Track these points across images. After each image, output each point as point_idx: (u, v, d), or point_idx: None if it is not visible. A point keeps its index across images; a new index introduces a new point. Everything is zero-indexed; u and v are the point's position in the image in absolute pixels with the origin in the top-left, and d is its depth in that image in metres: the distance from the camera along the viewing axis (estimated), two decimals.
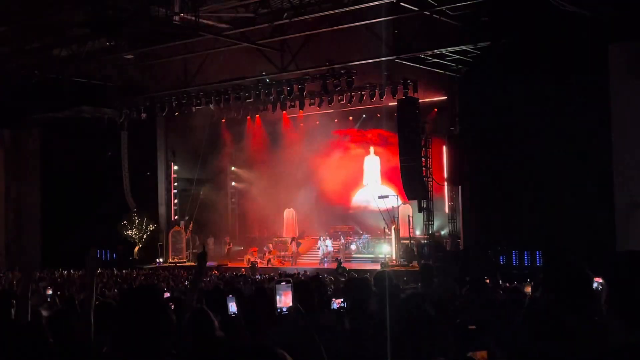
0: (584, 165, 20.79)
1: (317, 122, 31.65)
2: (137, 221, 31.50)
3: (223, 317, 5.64)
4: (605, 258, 2.85)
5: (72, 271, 23.76)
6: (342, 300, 5.98)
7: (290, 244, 30.39)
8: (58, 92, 28.91)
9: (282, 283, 4.56)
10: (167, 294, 9.19)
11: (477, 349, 3.31)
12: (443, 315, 4.36)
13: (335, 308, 5.98)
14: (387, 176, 30.64)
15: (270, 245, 31.09)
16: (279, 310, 4.42)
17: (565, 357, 2.54)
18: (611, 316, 2.73)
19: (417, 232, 27.92)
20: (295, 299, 4.45)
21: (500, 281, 12.59)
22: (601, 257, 2.87)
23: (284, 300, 4.46)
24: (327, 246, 28.72)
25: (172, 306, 5.54)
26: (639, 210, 19.31)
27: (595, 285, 3.64)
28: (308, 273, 21.23)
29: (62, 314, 5.58)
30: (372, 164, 31.95)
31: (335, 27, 21.31)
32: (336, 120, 31.46)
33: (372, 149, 31.83)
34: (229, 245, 32.00)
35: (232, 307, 5.75)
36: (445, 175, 26.47)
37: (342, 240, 30.32)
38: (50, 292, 11.19)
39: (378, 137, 31.37)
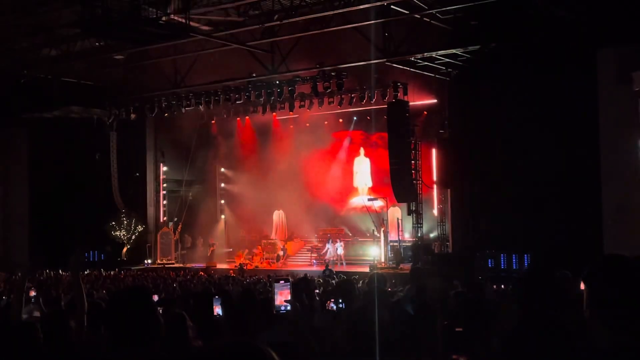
0: (572, 169, 20.90)
1: (307, 125, 31.61)
2: (125, 222, 31.38)
3: (208, 318, 5.62)
4: (588, 262, 2.86)
5: (60, 272, 23.63)
6: (333, 301, 5.98)
7: (281, 250, 30.26)
8: (47, 92, 28.80)
9: (281, 282, 4.50)
10: (155, 297, 9.13)
11: (461, 351, 3.32)
12: (431, 317, 4.37)
13: (333, 309, 5.97)
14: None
15: (259, 247, 31.06)
16: (276, 310, 4.36)
17: None
18: (593, 321, 2.73)
19: (406, 235, 27.94)
20: (293, 297, 4.42)
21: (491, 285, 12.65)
22: (588, 260, 2.88)
23: (282, 299, 4.41)
24: (336, 249, 27.97)
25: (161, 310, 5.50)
26: (626, 214, 19.42)
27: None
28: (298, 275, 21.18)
29: (54, 314, 5.57)
30: (362, 165, 31.86)
31: (326, 29, 21.32)
32: (326, 122, 31.41)
33: (362, 150, 31.75)
34: (213, 247, 31.92)
35: (218, 309, 5.73)
36: (435, 178, 26.52)
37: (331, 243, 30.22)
38: (33, 293, 11.04)
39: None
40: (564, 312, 3.36)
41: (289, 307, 4.29)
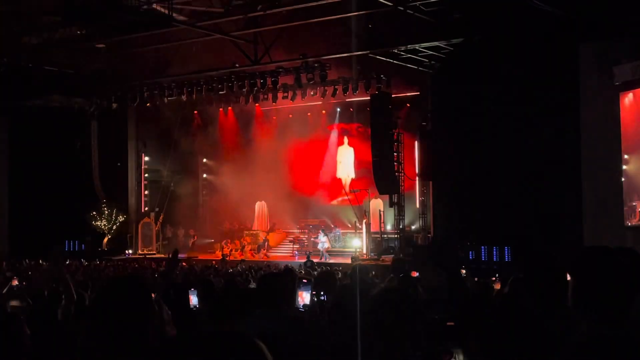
0: (554, 162, 21.03)
1: (290, 116, 31.58)
2: (106, 212, 31.20)
3: (184, 310, 5.59)
4: (572, 253, 2.89)
5: (40, 261, 23.49)
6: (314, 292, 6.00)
7: (263, 242, 30.22)
8: (28, 81, 28.53)
9: (304, 281, 4.68)
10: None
11: (452, 346, 3.34)
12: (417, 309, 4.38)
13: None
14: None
15: (241, 238, 31.01)
16: (297, 308, 4.53)
17: (534, 351, 2.58)
18: (578, 310, 2.77)
19: (388, 227, 28.01)
20: (313, 297, 4.55)
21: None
22: (569, 252, 2.92)
23: (304, 299, 4.56)
24: (323, 242, 27.62)
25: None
26: (606, 207, 19.60)
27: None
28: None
29: (41, 306, 5.52)
30: (346, 155, 31.80)
31: (310, 20, 21.27)
32: (309, 114, 31.38)
33: (345, 139, 31.69)
34: (194, 238, 31.84)
35: (194, 300, 5.71)
36: (417, 170, 26.58)
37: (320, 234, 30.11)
38: (16, 282, 10.94)
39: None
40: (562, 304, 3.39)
41: (308, 303, 4.45)
